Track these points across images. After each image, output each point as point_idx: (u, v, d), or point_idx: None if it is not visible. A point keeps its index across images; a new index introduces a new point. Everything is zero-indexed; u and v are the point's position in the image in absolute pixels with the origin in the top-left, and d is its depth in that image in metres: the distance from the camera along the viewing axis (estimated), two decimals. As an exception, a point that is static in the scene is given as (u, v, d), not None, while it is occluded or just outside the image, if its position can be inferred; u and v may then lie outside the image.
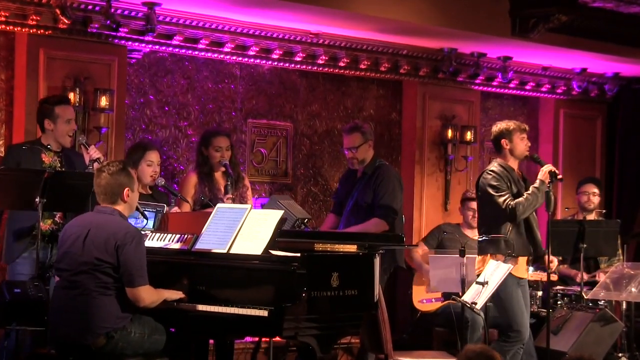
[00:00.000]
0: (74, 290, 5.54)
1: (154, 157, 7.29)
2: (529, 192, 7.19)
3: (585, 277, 8.53)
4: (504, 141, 7.37)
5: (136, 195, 5.79)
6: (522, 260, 7.21)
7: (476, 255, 7.37)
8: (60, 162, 6.89)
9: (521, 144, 7.40)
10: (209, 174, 7.57)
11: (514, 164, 7.39)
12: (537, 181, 7.22)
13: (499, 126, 7.46)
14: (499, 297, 7.09)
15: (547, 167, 7.27)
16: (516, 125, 7.45)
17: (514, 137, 7.38)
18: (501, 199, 7.13)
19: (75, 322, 5.49)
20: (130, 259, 5.52)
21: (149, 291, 5.60)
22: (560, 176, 7.29)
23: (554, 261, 7.43)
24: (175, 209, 7.08)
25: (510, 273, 6.92)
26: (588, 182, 9.16)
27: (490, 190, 7.18)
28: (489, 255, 7.14)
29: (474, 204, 8.36)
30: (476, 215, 8.35)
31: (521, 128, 7.45)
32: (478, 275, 6.93)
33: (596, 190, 9.05)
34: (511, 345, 7.24)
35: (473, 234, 8.38)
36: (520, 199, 7.13)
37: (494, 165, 7.34)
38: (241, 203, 7.43)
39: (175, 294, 5.75)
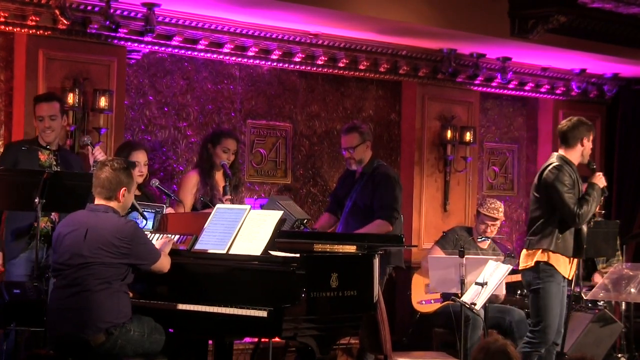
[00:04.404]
0: (73, 288, 5.55)
1: (140, 157, 7.25)
2: (586, 198, 6.98)
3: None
4: (585, 139, 7.11)
5: (131, 197, 5.82)
6: (566, 259, 6.99)
7: (474, 256, 7.36)
8: (56, 160, 6.90)
9: (590, 148, 7.18)
10: (210, 173, 7.57)
11: (575, 162, 7.13)
12: (593, 185, 7.03)
13: (579, 120, 7.16)
14: (537, 291, 6.97)
15: (601, 176, 7.10)
16: (592, 126, 7.22)
17: (591, 137, 7.16)
18: (570, 201, 6.92)
19: (75, 319, 5.50)
20: (141, 249, 5.62)
21: (165, 259, 5.76)
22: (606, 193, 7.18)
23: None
24: (170, 210, 7.06)
25: (558, 271, 6.91)
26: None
27: (559, 187, 6.94)
28: (540, 250, 6.98)
29: (489, 221, 8.30)
30: (487, 230, 8.33)
31: (594, 130, 7.24)
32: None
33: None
34: (533, 347, 6.94)
35: (483, 245, 8.35)
36: (584, 209, 6.92)
37: (557, 159, 7.07)
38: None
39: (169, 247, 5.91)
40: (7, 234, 6.81)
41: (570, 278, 7.08)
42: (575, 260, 7.08)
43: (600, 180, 7.08)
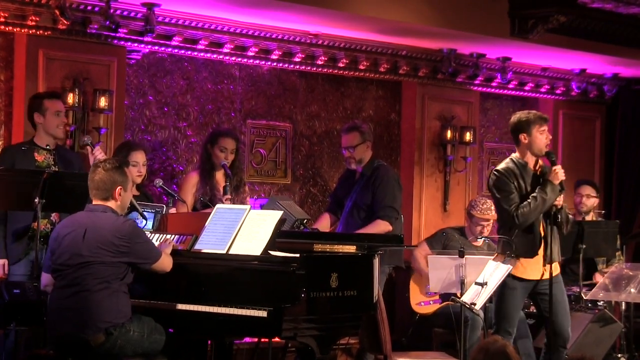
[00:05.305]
0: (73, 288, 5.55)
1: (139, 157, 7.23)
2: (533, 195, 6.81)
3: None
4: (522, 135, 6.91)
5: (129, 196, 5.82)
6: (529, 261, 6.90)
7: (474, 256, 7.36)
8: (54, 159, 6.89)
9: (540, 138, 6.91)
10: (211, 173, 7.57)
11: (530, 159, 6.96)
12: (545, 183, 6.83)
13: (517, 117, 6.98)
14: (496, 295, 6.97)
15: (560, 170, 6.85)
16: (536, 116, 6.94)
17: (533, 129, 6.88)
18: (506, 205, 6.83)
19: (75, 319, 5.51)
20: (141, 248, 5.62)
21: (166, 259, 5.74)
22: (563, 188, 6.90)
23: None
24: (173, 210, 7.07)
25: (510, 274, 6.85)
26: (582, 184, 9.12)
27: (496, 193, 6.91)
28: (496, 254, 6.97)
29: (484, 222, 8.30)
30: (484, 231, 8.33)
31: (541, 118, 6.94)
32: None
33: (591, 193, 9.02)
34: None
35: (477, 242, 8.34)
36: (525, 207, 6.78)
37: (504, 162, 6.98)
38: (240, 206, 7.42)
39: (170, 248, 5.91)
40: (8, 236, 6.80)
41: (541, 278, 6.90)
42: (541, 258, 6.90)
43: (554, 176, 6.83)
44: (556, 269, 6.99)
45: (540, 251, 6.92)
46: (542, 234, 6.93)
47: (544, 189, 6.84)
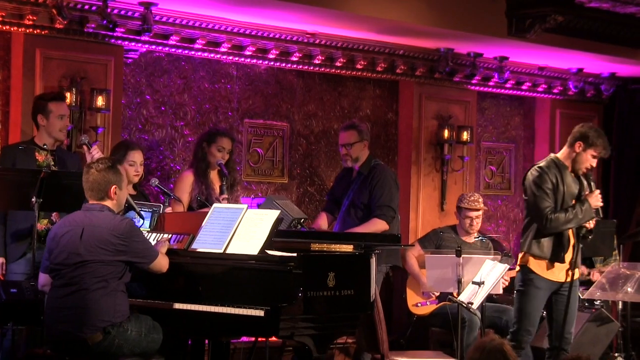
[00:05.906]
0: (71, 287, 5.55)
1: (136, 157, 7.21)
2: (571, 206, 6.91)
3: (584, 270, 8.52)
4: (578, 144, 7.02)
5: (124, 193, 5.81)
6: (554, 263, 6.98)
7: (471, 256, 7.37)
8: (54, 160, 6.89)
9: (587, 159, 7.01)
10: (205, 172, 7.56)
11: (570, 165, 7.06)
12: (584, 201, 6.93)
13: (589, 128, 7.08)
14: (518, 293, 7.04)
15: (599, 196, 6.97)
16: (603, 143, 7.03)
17: (589, 148, 7.00)
18: (541, 204, 6.90)
19: (73, 318, 5.51)
20: (139, 247, 5.62)
21: (163, 259, 5.75)
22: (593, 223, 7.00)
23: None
24: (169, 209, 7.06)
25: (538, 274, 6.91)
26: None
27: (535, 190, 6.96)
28: (523, 253, 7.03)
29: (472, 213, 8.32)
30: (473, 223, 8.35)
31: (603, 147, 7.04)
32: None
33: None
34: None
35: (470, 239, 8.36)
36: (560, 214, 6.87)
37: (545, 160, 7.09)
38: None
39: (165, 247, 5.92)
40: (8, 236, 6.80)
41: (565, 280, 6.98)
42: (570, 262, 6.98)
43: (593, 198, 6.96)
44: (576, 273, 7.09)
45: (567, 256, 6.99)
46: (572, 240, 7.02)
47: (581, 206, 6.92)
